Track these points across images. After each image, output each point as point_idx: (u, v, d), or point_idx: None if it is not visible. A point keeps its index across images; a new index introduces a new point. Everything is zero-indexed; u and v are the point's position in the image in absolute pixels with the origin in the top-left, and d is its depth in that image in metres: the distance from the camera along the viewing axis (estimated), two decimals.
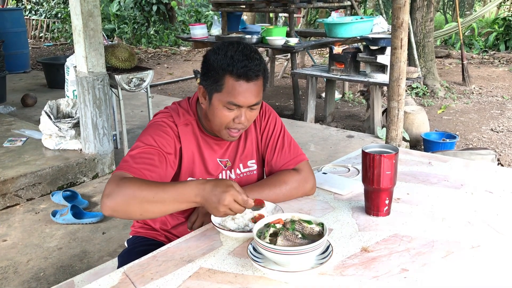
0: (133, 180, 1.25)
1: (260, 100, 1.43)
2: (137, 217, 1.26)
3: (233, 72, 1.35)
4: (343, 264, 1.15)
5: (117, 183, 1.23)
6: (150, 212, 1.23)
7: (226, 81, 1.36)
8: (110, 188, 1.23)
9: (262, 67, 1.40)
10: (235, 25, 6.58)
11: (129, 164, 1.32)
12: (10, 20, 7.67)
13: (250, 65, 1.35)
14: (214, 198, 1.18)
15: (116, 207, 1.21)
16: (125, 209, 1.22)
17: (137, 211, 1.22)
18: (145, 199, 1.20)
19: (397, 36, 3.09)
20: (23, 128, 4.37)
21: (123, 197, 1.21)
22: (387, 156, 1.34)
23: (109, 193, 1.22)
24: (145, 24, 12.15)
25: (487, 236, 1.27)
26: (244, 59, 1.35)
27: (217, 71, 1.37)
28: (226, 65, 1.35)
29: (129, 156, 1.36)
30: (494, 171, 1.78)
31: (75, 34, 3.59)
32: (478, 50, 10.13)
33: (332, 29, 5.75)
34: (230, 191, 1.18)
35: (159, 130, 1.44)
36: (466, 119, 5.49)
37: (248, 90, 1.37)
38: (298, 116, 5.58)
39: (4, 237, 2.90)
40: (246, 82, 1.36)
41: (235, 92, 1.36)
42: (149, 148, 1.38)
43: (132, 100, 6.02)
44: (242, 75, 1.35)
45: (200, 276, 1.12)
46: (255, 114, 1.45)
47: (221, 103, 1.39)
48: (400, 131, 3.31)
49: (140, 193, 1.21)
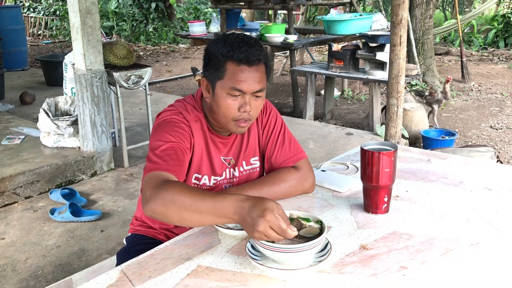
0: (173, 184, 1.20)
1: (263, 87, 1.41)
2: (175, 222, 1.20)
3: (234, 58, 1.35)
4: (341, 262, 1.14)
5: (157, 187, 1.19)
6: (188, 220, 1.18)
7: (227, 67, 1.36)
8: (150, 191, 1.19)
9: (263, 54, 1.39)
10: (234, 22, 6.57)
11: (159, 165, 1.29)
12: (8, 17, 7.65)
13: (251, 50, 1.35)
14: (250, 221, 1.07)
15: (156, 210, 1.17)
16: (164, 213, 1.17)
17: (175, 217, 1.17)
18: (182, 206, 1.15)
19: (396, 33, 3.09)
20: (21, 126, 4.37)
21: (162, 200, 1.16)
22: (386, 154, 1.33)
23: (150, 196, 1.18)
24: (144, 22, 12.14)
25: (486, 234, 1.26)
26: (244, 45, 1.36)
27: (218, 59, 1.37)
28: (226, 51, 1.35)
29: (155, 155, 1.33)
30: (493, 168, 1.78)
31: (73, 32, 3.58)
32: (477, 47, 10.13)
33: (331, 26, 5.74)
34: (266, 216, 1.04)
35: (174, 126, 1.42)
36: (465, 116, 5.49)
37: (251, 75, 1.36)
38: (297, 114, 5.57)
39: (2, 235, 2.89)
40: (248, 67, 1.35)
41: (237, 77, 1.35)
42: (171, 144, 1.36)
43: (131, 98, 6.01)
44: (243, 60, 1.34)
45: (198, 274, 1.11)
46: (260, 103, 1.43)
47: (224, 91, 1.37)
48: (399, 128, 3.30)
49: (178, 198, 1.16)
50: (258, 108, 1.43)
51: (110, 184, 3.62)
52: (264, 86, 1.42)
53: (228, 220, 1.13)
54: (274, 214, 1.05)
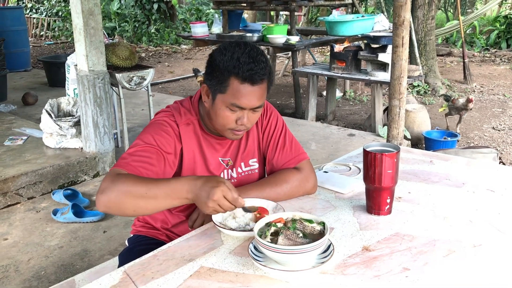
0: (127, 176, 1.25)
1: (263, 103, 1.43)
2: (130, 213, 1.25)
3: (239, 75, 1.34)
4: (344, 263, 1.14)
5: (112, 179, 1.24)
6: (143, 208, 1.23)
7: (231, 82, 1.36)
8: (104, 184, 1.24)
9: (268, 70, 1.40)
10: (236, 23, 6.57)
11: (126, 162, 1.33)
12: (10, 18, 7.66)
13: (256, 69, 1.35)
14: (204, 193, 1.17)
15: (109, 203, 1.21)
16: (118, 205, 1.22)
17: (130, 207, 1.22)
18: (138, 194, 1.21)
19: (399, 34, 3.09)
20: (24, 127, 4.37)
21: (117, 192, 1.21)
22: (389, 155, 1.33)
23: (104, 189, 1.22)
24: (146, 23, 12.15)
25: (489, 235, 1.26)
26: (250, 61, 1.34)
27: (222, 72, 1.36)
28: (232, 67, 1.35)
29: (127, 153, 1.36)
30: (496, 169, 1.78)
31: (76, 33, 3.59)
32: (479, 48, 10.11)
33: (333, 27, 5.74)
34: (220, 186, 1.17)
35: (160, 129, 1.44)
36: (467, 118, 5.48)
37: (252, 93, 1.37)
38: (299, 115, 5.57)
39: (5, 235, 2.90)
40: (251, 86, 1.36)
41: (239, 94, 1.36)
42: (147, 146, 1.38)
43: (133, 99, 6.02)
44: (248, 79, 1.34)
45: (201, 275, 1.11)
46: (257, 116, 1.45)
47: (224, 104, 1.39)
48: (401, 129, 3.30)
49: (133, 188, 1.21)
50: (255, 119, 1.46)
51: None
52: (264, 101, 1.44)
53: (183, 200, 1.22)
54: (226, 185, 1.18)
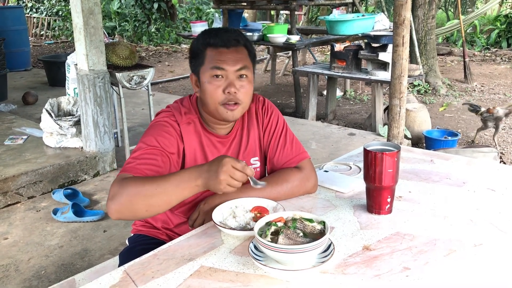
0: (134, 178, 1.25)
1: (246, 66, 1.42)
2: (143, 214, 1.24)
3: (211, 43, 1.41)
4: (344, 263, 1.14)
5: (120, 185, 1.23)
6: (155, 206, 1.22)
7: (207, 53, 1.42)
8: (113, 190, 1.23)
9: (243, 38, 1.44)
10: (236, 22, 6.56)
11: (132, 166, 1.32)
12: (11, 18, 7.66)
13: (228, 34, 1.42)
14: (213, 172, 1.18)
15: (121, 208, 1.21)
16: (130, 208, 1.21)
17: (142, 208, 1.21)
18: (148, 193, 1.20)
19: (399, 33, 3.08)
20: (24, 126, 4.37)
21: (126, 196, 1.20)
22: (389, 154, 1.33)
23: (113, 195, 1.22)
24: (146, 22, 12.14)
25: (490, 235, 1.26)
26: (222, 31, 1.43)
27: (199, 48, 1.43)
28: (204, 40, 1.42)
29: (132, 158, 1.36)
30: (497, 169, 1.78)
31: (76, 32, 3.58)
32: (480, 48, 10.10)
33: (334, 26, 5.73)
34: (226, 158, 1.20)
35: (162, 130, 1.44)
36: (467, 117, 5.47)
37: (231, 56, 1.40)
38: (299, 114, 5.57)
39: (5, 235, 2.90)
40: (226, 49, 1.40)
41: (216, 58, 1.40)
42: (151, 149, 1.38)
43: (133, 98, 6.02)
44: (220, 43, 1.40)
45: (201, 275, 1.11)
46: (247, 85, 1.43)
47: (207, 74, 1.41)
48: (401, 128, 3.29)
49: (142, 188, 1.20)
50: (246, 91, 1.43)
51: None
52: (248, 66, 1.43)
53: (194, 188, 1.22)
54: (232, 158, 1.20)
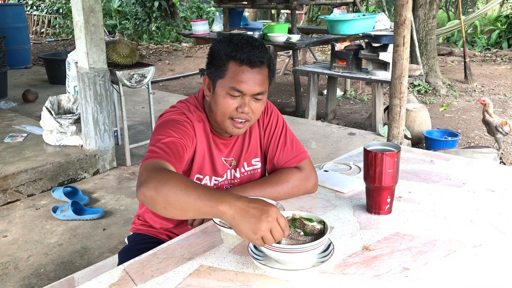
0: (171, 171, 1.18)
1: (265, 91, 1.40)
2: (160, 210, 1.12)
3: (236, 58, 1.34)
4: (344, 263, 1.14)
5: (156, 170, 1.16)
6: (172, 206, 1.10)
7: (229, 66, 1.36)
8: (147, 174, 1.15)
9: (267, 57, 1.38)
10: (237, 21, 6.57)
11: (158, 154, 1.27)
12: (11, 15, 7.66)
13: (254, 52, 1.35)
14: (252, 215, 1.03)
15: (147, 192, 1.11)
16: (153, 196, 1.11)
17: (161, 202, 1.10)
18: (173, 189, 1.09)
19: (400, 33, 3.08)
20: (24, 124, 4.37)
21: (157, 183, 1.11)
22: (389, 154, 1.33)
23: (145, 179, 1.13)
24: (147, 20, 12.14)
25: (489, 235, 1.26)
26: (248, 46, 1.35)
27: (221, 57, 1.37)
28: (230, 51, 1.35)
29: (155, 146, 1.30)
30: (497, 169, 1.77)
31: (76, 30, 3.58)
32: (480, 48, 10.10)
33: (334, 26, 5.73)
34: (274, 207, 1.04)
35: (178, 124, 1.41)
36: (468, 117, 5.48)
37: (252, 77, 1.35)
38: (299, 113, 5.57)
39: (5, 233, 2.90)
40: (249, 68, 1.35)
41: (238, 77, 1.35)
42: (172, 138, 1.34)
43: (133, 96, 6.01)
44: (246, 61, 1.34)
45: (201, 274, 1.11)
46: (260, 106, 1.42)
47: (224, 90, 1.37)
48: (402, 129, 3.30)
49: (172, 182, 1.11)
50: (258, 111, 1.42)
51: (113, 183, 3.62)
52: (265, 90, 1.41)
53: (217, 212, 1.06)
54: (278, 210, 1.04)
